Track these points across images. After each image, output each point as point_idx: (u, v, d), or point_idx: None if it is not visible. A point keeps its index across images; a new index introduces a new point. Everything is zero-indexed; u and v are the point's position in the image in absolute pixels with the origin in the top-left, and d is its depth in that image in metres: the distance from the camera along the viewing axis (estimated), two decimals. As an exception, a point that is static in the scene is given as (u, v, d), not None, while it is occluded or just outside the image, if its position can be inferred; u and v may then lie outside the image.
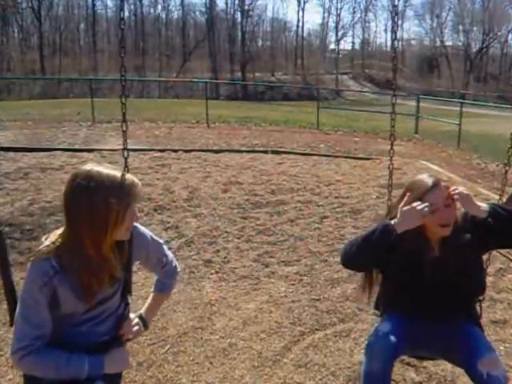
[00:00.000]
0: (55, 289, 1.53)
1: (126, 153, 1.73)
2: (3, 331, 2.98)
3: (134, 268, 1.87)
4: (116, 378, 1.77)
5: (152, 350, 2.85)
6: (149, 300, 1.95)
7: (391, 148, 2.17)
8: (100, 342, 1.71)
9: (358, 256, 1.94)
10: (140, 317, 1.87)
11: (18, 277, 3.40)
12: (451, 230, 1.90)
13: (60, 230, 1.60)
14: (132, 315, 1.84)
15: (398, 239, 1.87)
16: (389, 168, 2.15)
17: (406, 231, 1.87)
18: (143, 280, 3.70)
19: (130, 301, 1.82)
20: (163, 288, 1.96)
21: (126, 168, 1.64)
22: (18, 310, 1.57)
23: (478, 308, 2.14)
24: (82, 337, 1.66)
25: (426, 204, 1.84)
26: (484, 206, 1.89)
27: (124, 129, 1.74)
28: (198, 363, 2.76)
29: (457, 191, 1.88)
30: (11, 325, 1.69)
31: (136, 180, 1.61)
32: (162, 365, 2.73)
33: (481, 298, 2.14)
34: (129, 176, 1.59)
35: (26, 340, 1.53)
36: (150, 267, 1.93)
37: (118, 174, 1.57)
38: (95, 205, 1.50)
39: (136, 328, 1.82)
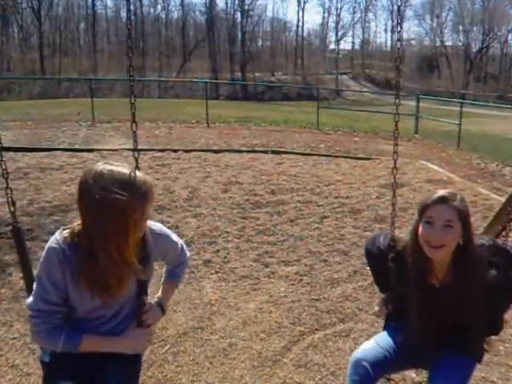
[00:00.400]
0: (64, 273, 1.55)
1: (136, 153, 1.71)
2: (3, 331, 2.98)
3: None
4: (133, 377, 1.77)
5: (152, 350, 2.85)
6: (162, 287, 1.97)
7: (395, 151, 2.06)
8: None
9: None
10: (157, 303, 1.86)
11: (18, 276, 3.41)
12: (457, 258, 1.74)
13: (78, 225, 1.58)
14: (148, 302, 1.83)
15: (401, 262, 1.82)
16: (392, 172, 2.05)
17: (406, 251, 1.82)
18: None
19: (146, 301, 1.81)
20: (174, 276, 1.98)
21: (137, 168, 1.63)
22: (39, 275, 1.58)
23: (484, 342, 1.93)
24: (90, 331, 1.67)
25: None
26: None
27: (134, 129, 1.71)
28: (197, 363, 2.76)
29: None
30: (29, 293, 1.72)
31: (150, 179, 1.61)
32: (162, 365, 2.73)
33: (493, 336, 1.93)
34: (144, 175, 1.58)
35: (53, 298, 1.56)
36: (165, 262, 1.96)
37: (138, 174, 1.55)
38: (120, 207, 1.46)
39: (155, 313, 1.82)
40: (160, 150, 8.55)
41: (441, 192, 1.75)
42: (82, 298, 1.59)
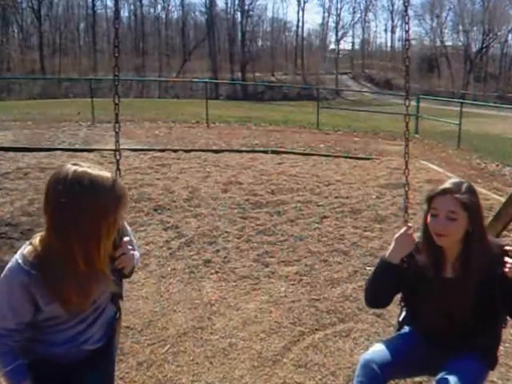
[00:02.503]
0: (33, 295, 1.46)
1: (118, 154, 1.64)
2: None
3: (135, 268, 1.83)
4: (109, 365, 1.73)
5: (152, 349, 2.85)
6: None
7: (406, 152, 2.06)
8: (92, 350, 1.66)
9: (375, 296, 1.93)
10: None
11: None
12: (462, 248, 1.76)
13: (41, 236, 1.49)
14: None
15: (411, 257, 1.83)
16: (404, 173, 1.99)
17: (418, 247, 1.82)
18: (143, 280, 3.70)
19: (121, 305, 1.76)
20: None
21: (118, 171, 1.58)
22: None
23: (493, 337, 1.90)
24: (69, 343, 1.60)
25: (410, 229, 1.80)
26: None
27: (116, 130, 1.64)
28: (197, 363, 2.75)
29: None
30: None
31: (122, 183, 1.52)
32: (162, 365, 2.73)
33: (502, 324, 1.90)
34: (118, 179, 1.51)
35: (12, 325, 1.47)
36: None
37: (109, 175, 1.47)
38: (94, 209, 1.39)
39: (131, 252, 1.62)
40: (160, 150, 8.55)
41: (447, 183, 1.77)
42: (58, 310, 1.52)
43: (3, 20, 44.79)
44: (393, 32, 59.65)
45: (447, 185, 1.75)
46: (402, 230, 1.82)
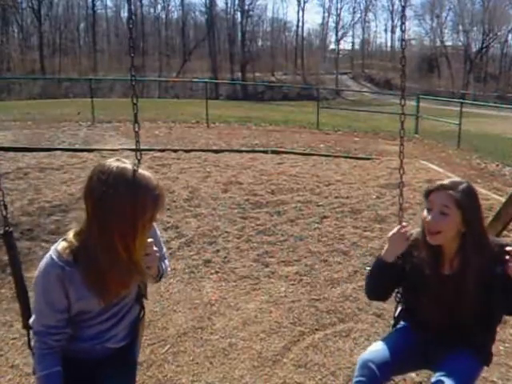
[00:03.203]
0: (67, 289, 1.50)
1: (139, 155, 1.68)
2: (3, 331, 2.98)
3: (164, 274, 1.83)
4: (130, 365, 1.75)
5: (152, 349, 2.85)
6: None
7: (401, 151, 2.10)
8: (115, 348, 1.68)
9: (375, 292, 1.98)
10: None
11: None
12: (459, 247, 1.76)
13: (78, 228, 1.54)
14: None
15: (409, 254, 1.85)
16: (399, 171, 2.06)
17: (417, 244, 1.83)
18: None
19: (145, 304, 1.78)
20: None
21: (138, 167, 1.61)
22: (37, 298, 1.53)
23: (489, 334, 1.91)
24: (94, 340, 1.62)
25: (407, 227, 1.81)
26: None
27: (136, 129, 1.66)
28: (197, 363, 2.75)
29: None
30: (24, 327, 1.67)
31: (162, 186, 1.58)
32: (162, 365, 2.73)
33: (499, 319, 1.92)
34: (156, 178, 1.55)
35: (50, 321, 1.51)
36: None
37: (150, 174, 1.52)
38: (133, 203, 1.43)
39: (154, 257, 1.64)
40: (160, 150, 8.55)
41: (446, 180, 1.81)
42: (89, 304, 1.55)
43: (3, 20, 44.81)
44: (393, 32, 59.62)
45: (445, 181, 1.79)
46: (395, 229, 1.83)
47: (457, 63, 52.64)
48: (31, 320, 1.57)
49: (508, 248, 1.72)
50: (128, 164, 1.49)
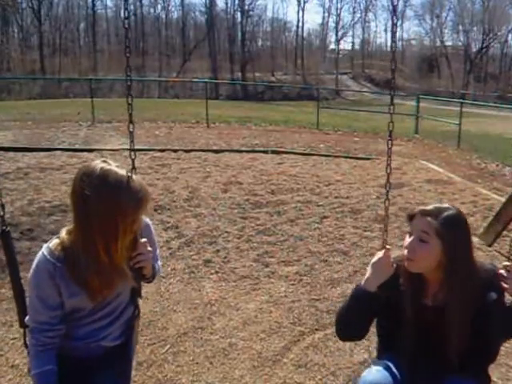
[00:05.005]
0: (58, 286, 1.51)
1: (133, 154, 1.68)
2: (3, 331, 2.99)
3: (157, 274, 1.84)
4: (126, 364, 1.76)
5: (152, 349, 2.85)
6: None
7: (388, 164, 2.00)
8: (110, 347, 1.68)
9: (350, 330, 1.75)
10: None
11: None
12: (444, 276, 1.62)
13: (70, 227, 1.56)
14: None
15: (393, 281, 1.67)
16: (385, 187, 1.93)
17: (399, 271, 1.66)
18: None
19: (140, 303, 1.78)
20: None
21: (134, 170, 1.61)
22: (30, 294, 1.54)
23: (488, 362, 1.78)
24: (89, 338, 1.62)
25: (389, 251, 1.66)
26: None
27: (131, 129, 1.67)
28: (197, 363, 2.75)
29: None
30: (21, 326, 1.68)
31: (146, 185, 1.56)
32: (162, 365, 2.73)
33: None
34: (143, 182, 1.55)
35: (43, 317, 1.51)
36: None
37: (135, 177, 1.52)
38: (113, 206, 1.43)
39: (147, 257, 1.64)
40: (160, 150, 8.54)
41: (431, 205, 1.66)
42: (81, 302, 1.56)
43: (3, 20, 44.79)
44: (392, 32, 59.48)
45: (428, 207, 1.65)
46: (380, 254, 1.66)
47: (457, 63, 52.64)
48: (26, 318, 1.58)
49: (500, 271, 1.64)
50: (113, 166, 1.50)
